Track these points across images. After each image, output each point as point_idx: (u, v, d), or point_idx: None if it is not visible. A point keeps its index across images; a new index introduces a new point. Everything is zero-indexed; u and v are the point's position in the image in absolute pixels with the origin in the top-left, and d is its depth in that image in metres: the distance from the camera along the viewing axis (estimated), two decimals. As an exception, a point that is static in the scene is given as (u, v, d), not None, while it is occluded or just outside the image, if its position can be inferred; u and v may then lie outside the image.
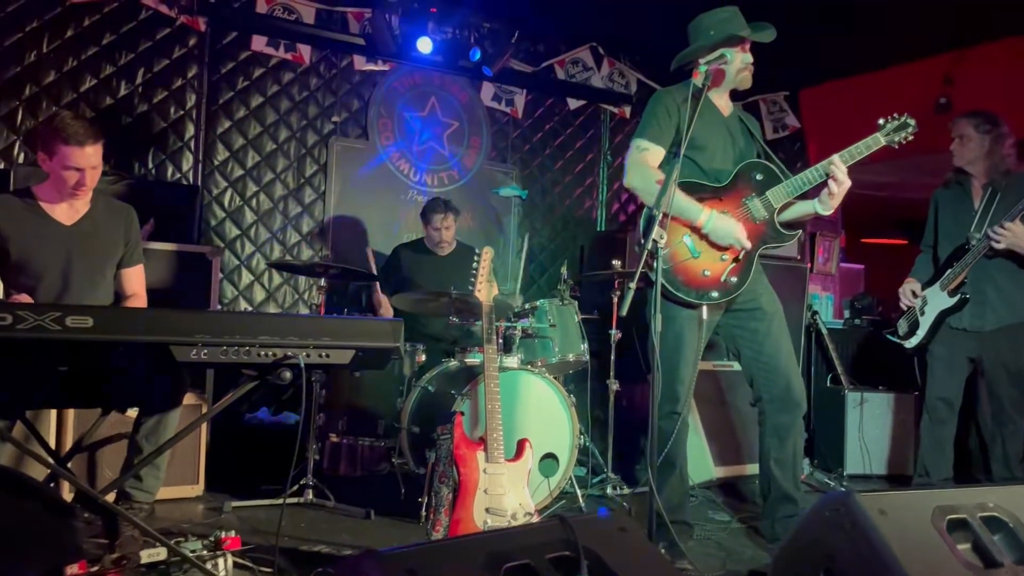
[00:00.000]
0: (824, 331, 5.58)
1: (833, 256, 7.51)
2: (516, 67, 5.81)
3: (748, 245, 3.08)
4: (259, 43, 5.01)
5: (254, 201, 5.07)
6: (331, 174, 5.27)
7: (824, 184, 3.06)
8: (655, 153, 3.14)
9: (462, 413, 2.91)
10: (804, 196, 3.18)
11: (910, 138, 3.05)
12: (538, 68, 5.96)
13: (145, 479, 2.89)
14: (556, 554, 1.56)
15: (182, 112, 4.85)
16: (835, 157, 3.00)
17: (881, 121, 3.07)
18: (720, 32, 3.10)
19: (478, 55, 5.42)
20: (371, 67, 5.38)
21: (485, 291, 3.14)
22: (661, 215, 2.79)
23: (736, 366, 5.00)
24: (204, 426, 3.89)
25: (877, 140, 3.05)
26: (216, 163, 4.96)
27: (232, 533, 2.58)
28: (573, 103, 6.15)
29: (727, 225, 3.06)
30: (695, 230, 3.09)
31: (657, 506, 2.71)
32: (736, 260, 3.11)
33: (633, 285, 2.73)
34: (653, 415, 2.81)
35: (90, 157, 2.91)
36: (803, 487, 3.42)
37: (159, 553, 2.39)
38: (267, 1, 4.98)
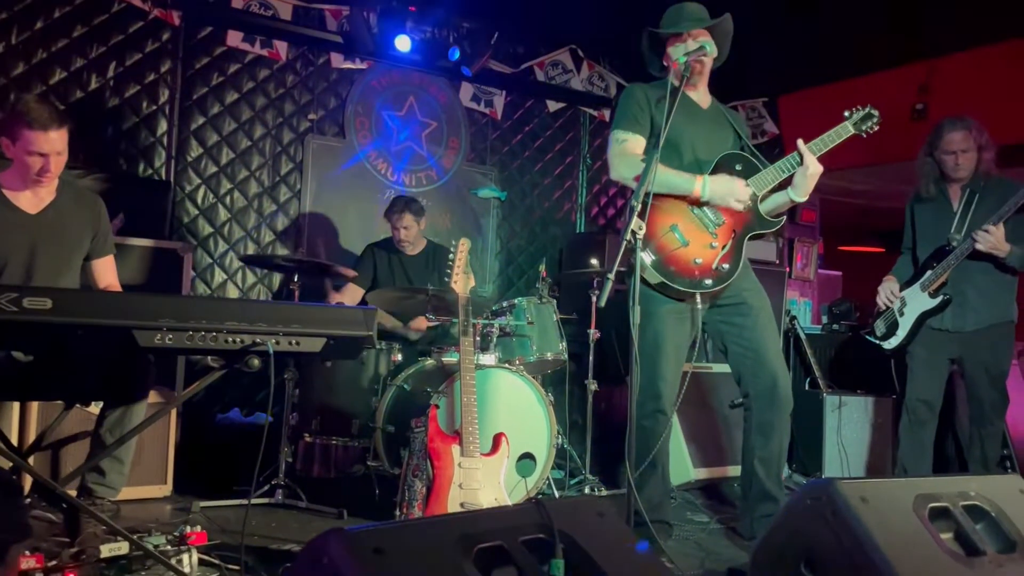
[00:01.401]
0: (802, 336, 5.58)
1: (811, 262, 7.53)
2: (495, 68, 5.78)
3: (748, 196, 3.06)
4: (235, 39, 4.93)
5: (228, 199, 4.99)
6: (307, 172, 5.20)
7: None
8: (635, 142, 3.12)
9: (437, 406, 2.84)
10: (779, 188, 3.19)
11: (876, 128, 3.12)
12: (517, 70, 5.93)
13: (108, 473, 2.79)
14: (530, 537, 1.51)
15: (155, 107, 4.76)
16: (800, 142, 3.03)
17: (847, 113, 3.15)
18: (700, 24, 3.09)
19: (457, 55, 5.38)
20: (349, 65, 5.32)
21: (462, 283, 3.09)
22: (639, 206, 2.76)
23: (716, 368, 4.98)
24: (173, 425, 3.79)
25: (846, 128, 3.11)
26: (189, 160, 4.87)
27: (198, 528, 2.50)
28: (553, 105, 6.12)
29: (725, 184, 3.06)
30: (690, 208, 3.07)
31: (636, 505, 2.66)
32: (725, 247, 3.09)
33: (611, 276, 2.68)
34: (631, 410, 2.77)
35: (55, 142, 2.83)
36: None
37: (120, 547, 2.31)
38: (243, -4, 4.92)
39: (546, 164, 6.16)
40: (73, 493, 2.76)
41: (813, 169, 3.04)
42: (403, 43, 5.20)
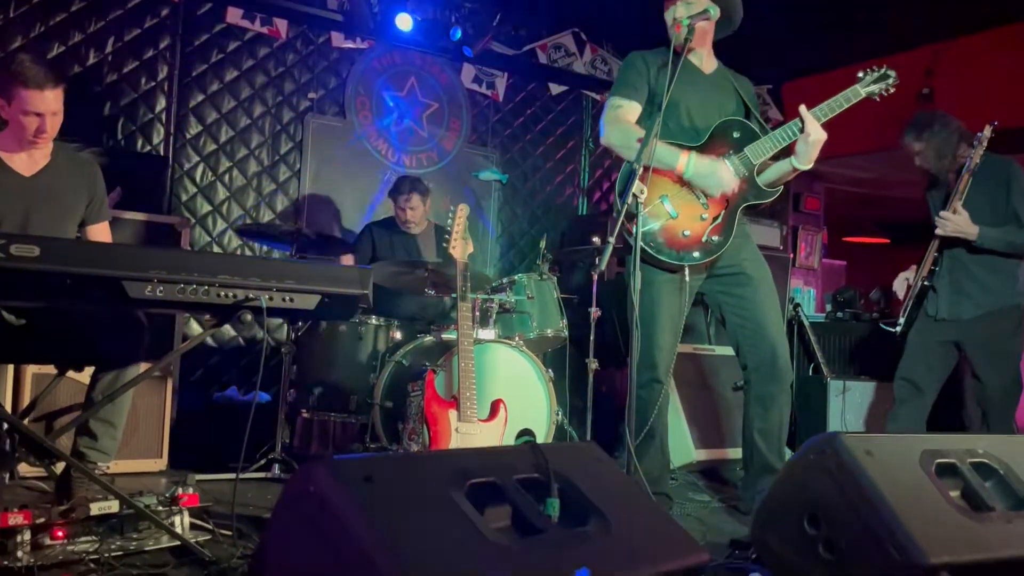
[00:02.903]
0: (806, 323, 5.53)
1: (815, 251, 7.48)
2: (497, 50, 5.74)
3: (734, 184, 3.00)
4: (234, 15, 4.90)
5: (227, 177, 4.95)
6: (307, 152, 5.16)
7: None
8: (630, 109, 3.08)
9: (434, 371, 2.80)
10: (782, 155, 3.12)
11: (891, 90, 3.03)
12: (520, 52, 5.88)
13: (100, 438, 2.75)
14: (525, 476, 1.46)
15: (153, 83, 4.73)
16: (802, 107, 2.96)
17: (861, 74, 3.05)
18: None
19: (459, 34, 5.34)
20: (349, 44, 5.28)
21: (460, 248, 3.04)
22: (641, 170, 2.71)
23: (718, 350, 4.93)
24: (169, 401, 3.76)
25: (857, 92, 3.02)
26: (188, 137, 4.83)
27: (190, 490, 2.45)
28: (555, 88, 6.08)
29: (709, 166, 2.98)
30: (677, 181, 3.01)
31: (637, 477, 2.61)
32: (716, 219, 3.03)
33: (612, 240, 2.64)
34: (632, 378, 2.73)
35: (50, 102, 2.78)
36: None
37: (111, 506, 2.26)
38: (244, -28, 4.88)
39: (548, 147, 6.12)
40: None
41: (815, 135, 2.97)
42: (404, 22, 5.16)
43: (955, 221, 3.51)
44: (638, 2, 4.96)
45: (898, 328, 3.90)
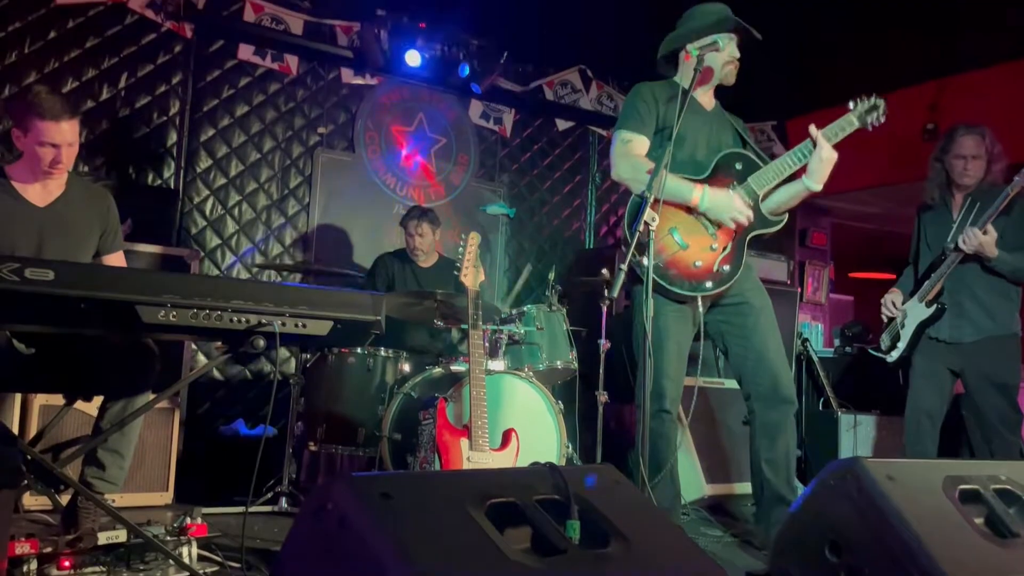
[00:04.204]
0: (815, 358, 5.50)
1: (823, 286, 7.46)
2: (505, 86, 5.80)
3: (749, 214, 3.00)
4: (246, 52, 4.97)
5: (236, 210, 4.97)
6: (316, 186, 5.19)
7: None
8: (639, 143, 3.10)
9: (445, 399, 2.77)
10: (789, 180, 3.14)
11: (882, 119, 3.05)
12: (527, 88, 5.95)
13: (108, 468, 2.72)
14: (544, 497, 1.44)
15: (165, 118, 4.78)
16: (812, 127, 2.98)
17: (852, 104, 3.07)
18: (712, 17, 3.08)
19: (467, 71, 5.40)
20: (359, 80, 5.34)
21: (471, 276, 3.04)
22: (652, 199, 2.72)
23: (726, 383, 4.89)
24: (176, 435, 3.74)
25: (850, 121, 3.04)
26: (199, 171, 4.87)
27: (199, 520, 2.42)
28: (562, 124, 6.13)
29: (723, 198, 3.00)
30: (688, 211, 3.02)
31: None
32: (725, 249, 3.04)
33: (624, 267, 2.64)
34: (644, 407, 2.71)
35: (66, 133, 2.80)
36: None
37: (118, 536, 2.24)
38: (255, 10, 4.95)
39: (555, 182, 6.15)
40: (71, 492, 2.70)
41: (827, 154, 2.98)
42: (413, 58, 5.22)
43: (983, 240, 3.50)
44: (642, 41, 5.03)
45: (893, 355, 3.87)
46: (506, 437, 2.82)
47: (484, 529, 1.25)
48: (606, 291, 4.22)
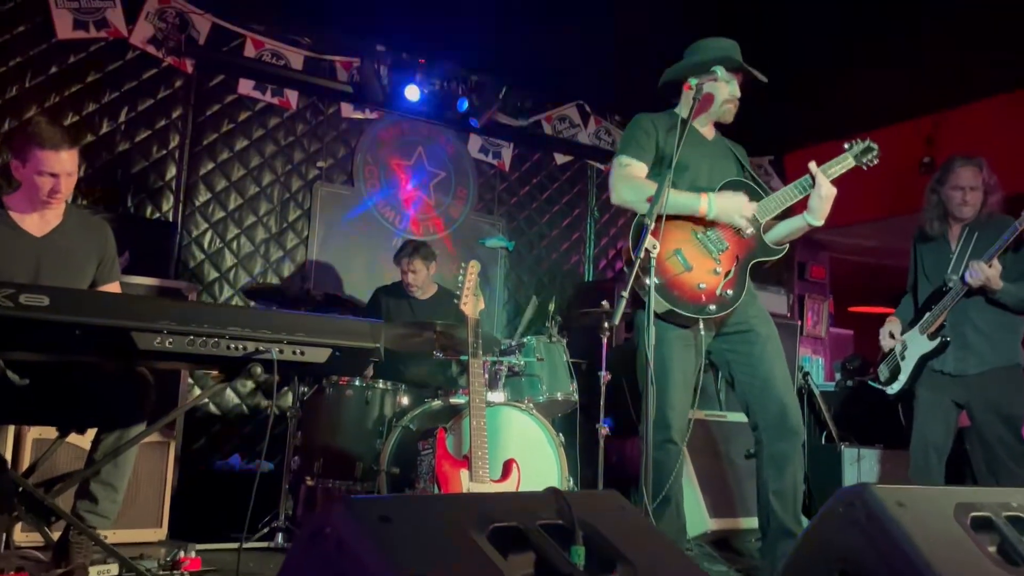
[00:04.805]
0: (816, 392, 5.46)
1: (822, 320, 7.44)
2: (503, 121, 5.83)
3: (753, 207, 3.00)
4: (246, 87, 5.00)
5: (235, 244, 4.96)
6: (315, 219, 5.19)
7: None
8: (638, 168, 3.09)
9: (445, 428, 2.73)
10: (789, 215, 3.13)
11: (876, 161, 3.09)
12: (525, 123, 5.98)
13: (101, 501, 2.66)
14: (548, 522, 1.40)
15: (164, 152, 4.79)
16: (812, 164, 3.00)
17: (847, 145, 3.12)
18: (718, 52, 3.10)
19: (466, 106, 5.44)
20: (358, 115, 5.38)
21: (471, 304, 3.01)
22: (653, 224, 2.70)
23: (730, 416, 4.84)
24: (170, 470, 3.69)
25: (847, 159, 3.07)
26: (197, 204, 4.87)
27: (192, 554, 2.37)
28: (560, 158, 6.16)
29: (731, 202, 3.00)
30: (693, 233, 3.01)
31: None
32: (728, 274, 3.02)
33: (626, 294, 2.61)
34: (648, 437, 2.66)
35: (65, 163, 2.79)
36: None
37: (110, 570, 2.19)
38: (256, 45, 4.99)
39: (553, 216, 6.16)
40: (63, 527, 2.64)
41: (827, 190, 2.99)
42: (412, 92, 5.26)
43: (989, 275, 3.49)
44: (640, 76, 5.07)
45: (893, 387, 3.84)
46: (507, 468, 2.78)
47: (487, 554, 1.21)
48: (606, 323, 4.20)
